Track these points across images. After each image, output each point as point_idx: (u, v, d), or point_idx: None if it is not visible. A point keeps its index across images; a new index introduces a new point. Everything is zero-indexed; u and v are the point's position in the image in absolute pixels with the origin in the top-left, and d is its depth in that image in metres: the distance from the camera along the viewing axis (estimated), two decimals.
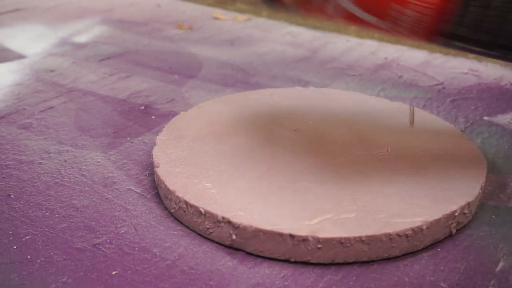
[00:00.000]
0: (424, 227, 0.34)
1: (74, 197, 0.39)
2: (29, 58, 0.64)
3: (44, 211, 0.38)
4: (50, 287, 0.31)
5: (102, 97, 0.55)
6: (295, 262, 0.34)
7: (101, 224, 0.37)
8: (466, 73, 0.50)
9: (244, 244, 0.34)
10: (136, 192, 0.40)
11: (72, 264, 0.33)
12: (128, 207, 0.38)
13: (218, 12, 0.82)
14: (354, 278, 0.33)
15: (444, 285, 0.32)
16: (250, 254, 0.34)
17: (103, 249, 0.34)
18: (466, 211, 0.36)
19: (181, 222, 0.37)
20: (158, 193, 0.40)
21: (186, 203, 0.35)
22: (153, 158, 0.40)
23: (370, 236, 0.33)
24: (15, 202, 0.39)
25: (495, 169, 0.44)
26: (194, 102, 0.53)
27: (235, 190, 0.36)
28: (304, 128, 0.44)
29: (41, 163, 0.43)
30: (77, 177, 0.42)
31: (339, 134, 0.43)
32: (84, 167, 0.43)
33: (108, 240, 0.35)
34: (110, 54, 0.65)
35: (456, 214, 0.35)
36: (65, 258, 0.34)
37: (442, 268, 0.34)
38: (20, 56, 0.64)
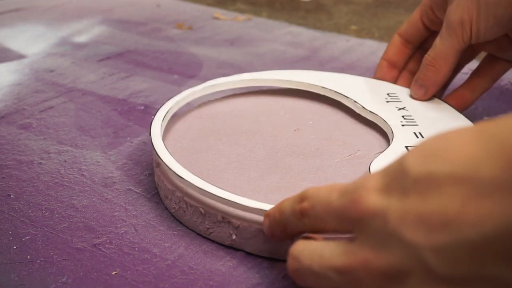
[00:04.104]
0: None
1: (74, 197, 0.39)
2: (29, 58, 0.64)
3: (44, 211, 0.38)
4: (50, 287, 0.31)
5: (102, 97, 0.54)
6: None
7: (101, 224, 0.37)
8: (466, 73, 0.50)
9: (244, 244, 0.34)
10: (136, 192, 0.40)
11: (72, 264, 0.33)
12: (128, 207, 0.38)
13: (218, 12, 0.82)
14: None
15: None
16: (250, 254, 0.34)
17: (103, 249, 0.34)
18: None
19: (181, 222, 0.37)
20: (158, 193, 0.40)
21: (186, 203, 0.35)
22: (153, 158, 0.40)
23: None
24: (15, 202, 0.39)
25: None
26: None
27: (235, 190, 0.36)
28: (304, 128, 0.44)
29: (41, 163, 0.43)
30: (77, 177, 0.42)
31: (339, 134, 0.43)
32: (84, 167, 0.43)
33: (108, 240, 0.35)
34: (110, 54, 0.65)
35: None
36: (65, 258, 0.34)
37: None
38: (20, 56, 0.64)
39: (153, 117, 0.40)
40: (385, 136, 0.43)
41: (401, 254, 0.23)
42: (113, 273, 0.33)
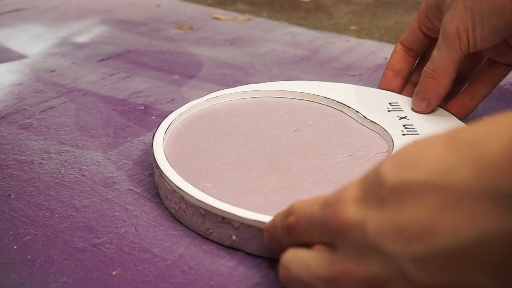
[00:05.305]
0: None
1: (74, 197, 0.39)
2: (30, 58, 0.64)
3: (44, 211, 0.38)
4: (50, 287, 0.31)
5: (102, 97, 0.55)
6: None
7: (101, 224, 0.37)
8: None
9: (244, 244, 0.34)
10: (136, 192, 0.40)
11: (72, 264, 0.33)
12: (128, 207, 0.38)
13: (218, 12, 0.83)
14: None
15: None
16: (250, 254, 0.34)
17: (103, 249, 0.34)
18: None
19: (181, 222, 0.37)
20: (158, 193, 0.40)
21: (186, 203, 0.36)
22: (153, 158, 0.40)
23: None
24: (15, 202, 0.39)
25: None
26: None
27: (235, 190, 0.36)
28: (304, 128, 0.44)
29: (41, 163, 0.43)
30: (77, 177, 0.42)
31: (339, 134, 0.43)
32: (84, 167, 0.43)
33: (108, 240, 0.35)
34: (110, 54, 0.66)
35: None
36: (65, 258, 0.34)
37: None
38: (20, 56, 0.64)
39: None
40: (385, 136, 0.43)
41: (381, 264, 0.24)
42: (114, 273, 0.33)
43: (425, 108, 0.45)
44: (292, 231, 0.29)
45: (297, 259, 0.28)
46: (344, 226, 0.25)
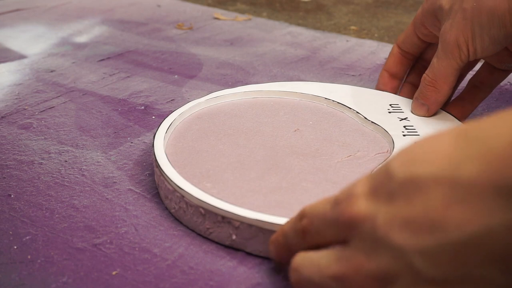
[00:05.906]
0: None
1: (74, 197, 0.39)
2: (30, 58, 0.64)
3: (44, 211, 0.38)
4: (50, 287, 0.32)
5: (102, 97, 0.55)
6: None
7: (101, 224, 0.37)
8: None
9: (244, 244, 0.34)
10: (136, 192, 0.40)
11: (72, 264, 0.33)
12: (128, 207, 0.38)
13: (218, 12, 0.83)
14: None
15: None
16: (250, 254, 0.34)
17: (103, 249, 0.34)
18: None
19: (181, 222, 0.37)
20: (158, 193, 0.40)
21: (186, 203, 0.36)
22: (153, 158, 0.40)
23: None
24: (15, 202, 0.39)
25: None
26: None
27: (235, 190, 0.36)
28: (304, 128, 0.44)
29: (41, 163, 0.43)
30: (77, 177, 0.42)
31: (339, 135, 0.43)
32: (84, 167, 0.43)
33: (108, 240, 0.35)
34: (110, 54, 0.66)
35: None
36: (65, 258, 0.34)
37: None
38: (20, 56, 0.64)
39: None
40: (385, 137, 0.43)
41: (389, 258, 0.24)
42: (114, 273, 0.33)
43: (425, 113, 0.45)
44: (307, 233, 0.29)
45: (307, 260, 0.28)
46: (355, 220, 0.25)
